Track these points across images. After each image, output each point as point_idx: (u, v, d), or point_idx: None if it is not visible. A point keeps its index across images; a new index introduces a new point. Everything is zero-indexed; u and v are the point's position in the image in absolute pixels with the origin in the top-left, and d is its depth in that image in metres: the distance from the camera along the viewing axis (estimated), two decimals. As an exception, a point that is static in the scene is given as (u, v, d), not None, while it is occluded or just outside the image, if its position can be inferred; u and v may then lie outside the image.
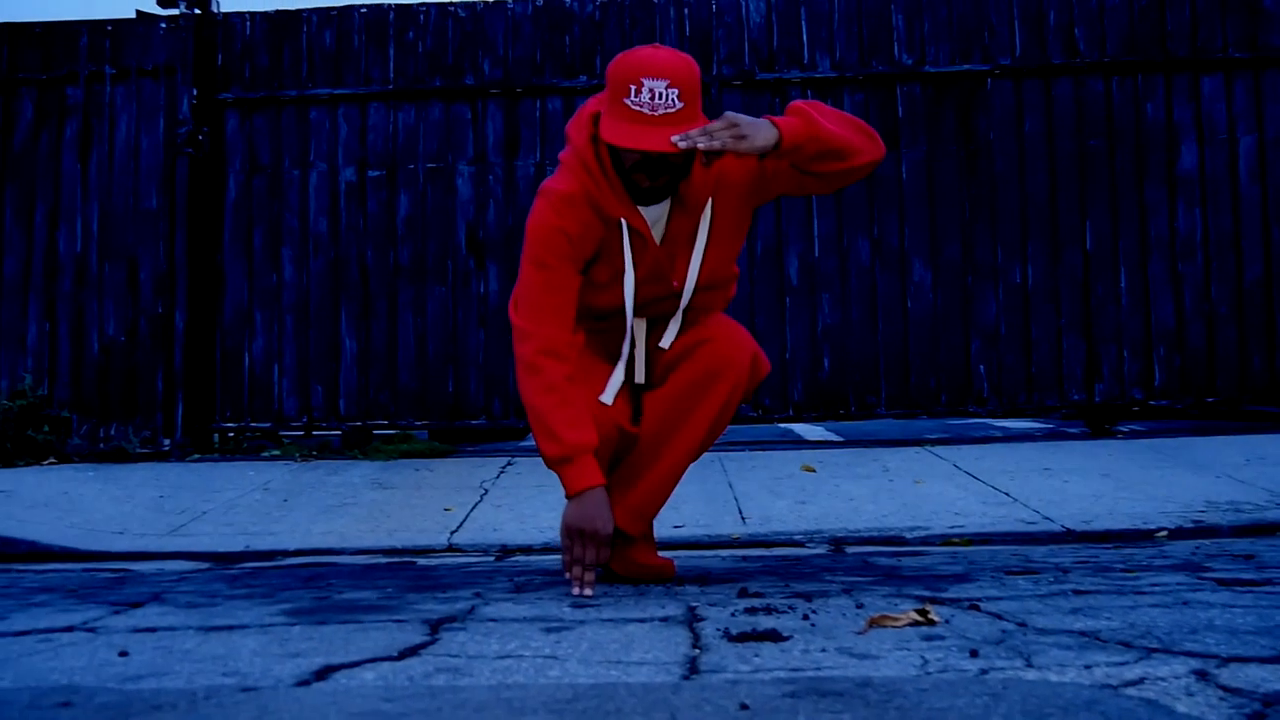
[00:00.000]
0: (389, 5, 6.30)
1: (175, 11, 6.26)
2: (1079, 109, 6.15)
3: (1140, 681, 1.49)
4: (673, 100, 2.28)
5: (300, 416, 6.22)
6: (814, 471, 5.10)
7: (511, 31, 6.27)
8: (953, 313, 6.12)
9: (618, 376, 2.58)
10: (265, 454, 6.06)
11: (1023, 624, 1.96)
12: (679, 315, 2.61)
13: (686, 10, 6.25)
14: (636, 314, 2.60)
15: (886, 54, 6.20)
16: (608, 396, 2.55)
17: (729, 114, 2.33)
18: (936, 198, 6.15)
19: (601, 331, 2.65)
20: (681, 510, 4.40)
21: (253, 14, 6.33)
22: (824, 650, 1.76)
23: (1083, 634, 1.86)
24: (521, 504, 4.57)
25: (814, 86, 6.18)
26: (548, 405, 2.41)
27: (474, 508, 4.56)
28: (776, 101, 6.19)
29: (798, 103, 2.43)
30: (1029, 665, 1.62)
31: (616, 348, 2.64)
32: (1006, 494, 4.53)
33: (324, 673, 1.66)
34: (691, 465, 2.75)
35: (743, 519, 4.24)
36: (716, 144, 2.27)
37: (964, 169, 6.16)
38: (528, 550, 3.87)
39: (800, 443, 6.43)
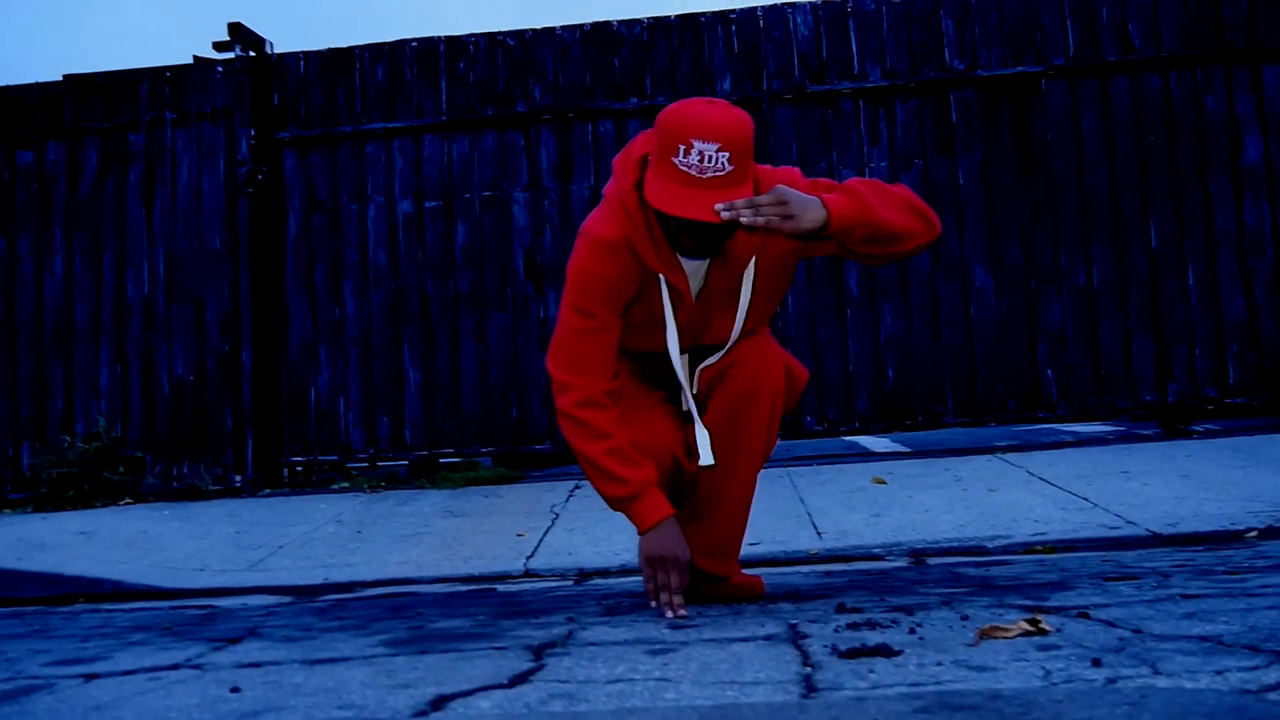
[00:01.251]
0: (439, 38, 6.37)
1: (231, 55, 6.38)
2: (1137, 105, 6.06)
3: (1280, 686, 1.45)
4: (723, 164, 2.20)
5: (367, 448, 6.27)
6: (885, 484, 5.04)
7: (560, 57, 6.31)
8: (1017, 318, 6.04)
9: (703, 436, 2.48)
10: (334, 486, 6.12)
11: (1138, 630, 1.91)
12: (715, 357, 2.56)
13: (734, 27, 6.26)
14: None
15: (938, 60, 6.16)
16: (706, 457, 2.48)
17: (779, 189, 2.24)
18: (995, 202, 6.09)
19: (647, 361, 2.61)
20: (755, 527, 4.33)
21: (306, 54, 6.43)
22: (939, 664, 1.72)
23: (1203, 639, 1.81)
24: (594, 527, 4.56)
25: (865, 96, 6.16)
26: (599, 451, 2.39)
27: (546, 532, 4.56)
28: (829, 113, 6.17)
29: (853, 181, 2.35)
30: (1156, 672, 1.58)
31: (662, 376, 2.60)
32: (1085, 499, 4.45)
33: (439, 702, 1.65)
34: (760, 480, 2.73)
35: (818, 534, 4.20)
36: (761, 220, 2.20)
37: (1022, 172, 6.09)
38: (605, 573, 3.86)
39: (867, 455, 6.37)
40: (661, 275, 2.41)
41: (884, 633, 2.02)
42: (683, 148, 2.20)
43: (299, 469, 6.37)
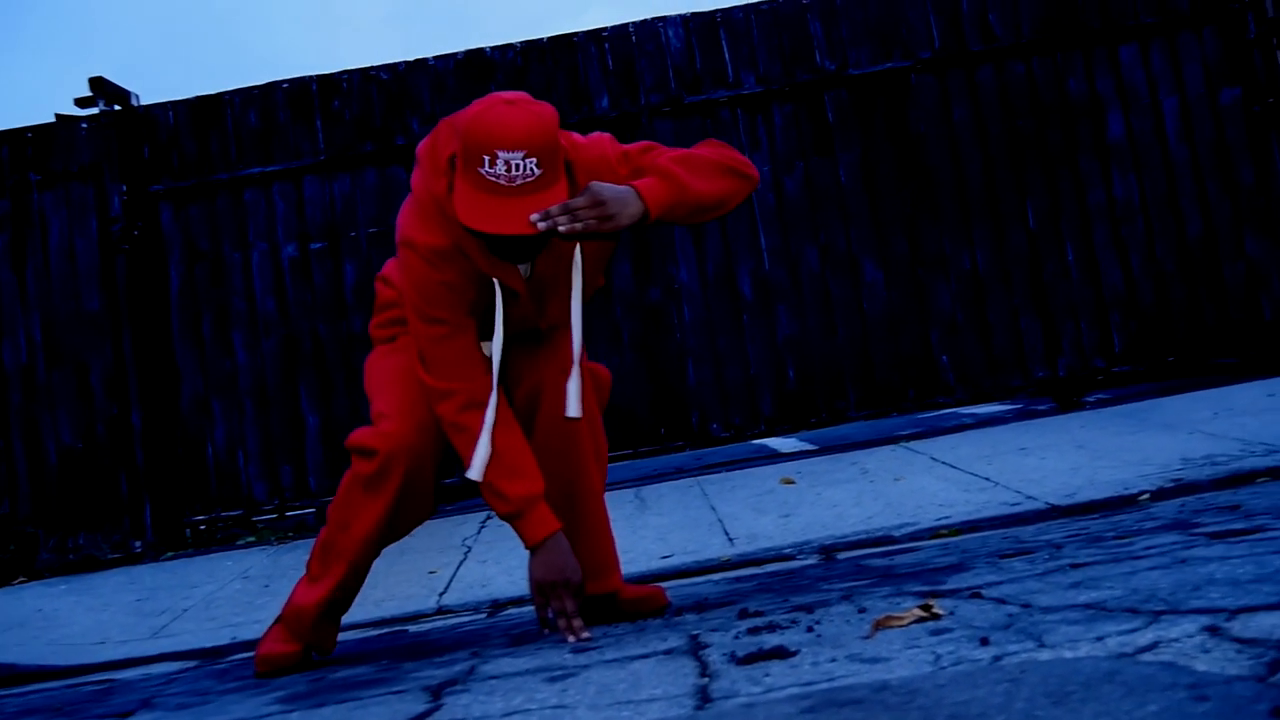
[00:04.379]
0: (311, 77, 6.27)
1: (95, 111, 6.19)
2: (1004, 93, 6.23)
3: (1154, 646, 1.48)
4: (531, 170, 2.13)
5: (271, 499, 6.12)
6: (794, 483, 5.08)
7: (436, 88, 6.26)
8: (908, 308, 6.15)
9: (484, 446, 2.39)
10: (240, 542, 5.95)
11: (1027, 605, 1.94)
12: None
13: (608, 45, 6.28)
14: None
15: (809, 62, 6.26)
16: (474, 473, 2.40)
17: (594, 187, 2.18)
18: (877, 197, 6.20)
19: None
20: (668, 540, 4.36)
21: (175, 103, 6.27)
22: (834, 660, 1.73)
23: (1088, 606, 1.84)
24: (507, 556, 4.51)
25: (742, 104, 6.23)
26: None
27: (459, 566, 4.50)
28: (708, 123, 6.23)
29: (664, 159, 2.31)
30: (1041, 645, 1.60)
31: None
32: (987, 479, 4.54)
33: (328, 756, 1.61)
34: (671, 492, 2.77)
35: (730, 540, 4.21)
36: (579, 225, 2.14)
37: (901, 165, 6.22)
38: (519, 602, 3.81)
39: (776, 456, 6.42)
40: (495, 280, 2.37)
41: (783, 634, 2.02)
42: (487, 158, 2.13)
43: (202, 528, 6.19)
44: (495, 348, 2.42)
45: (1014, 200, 6.19)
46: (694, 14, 6.27)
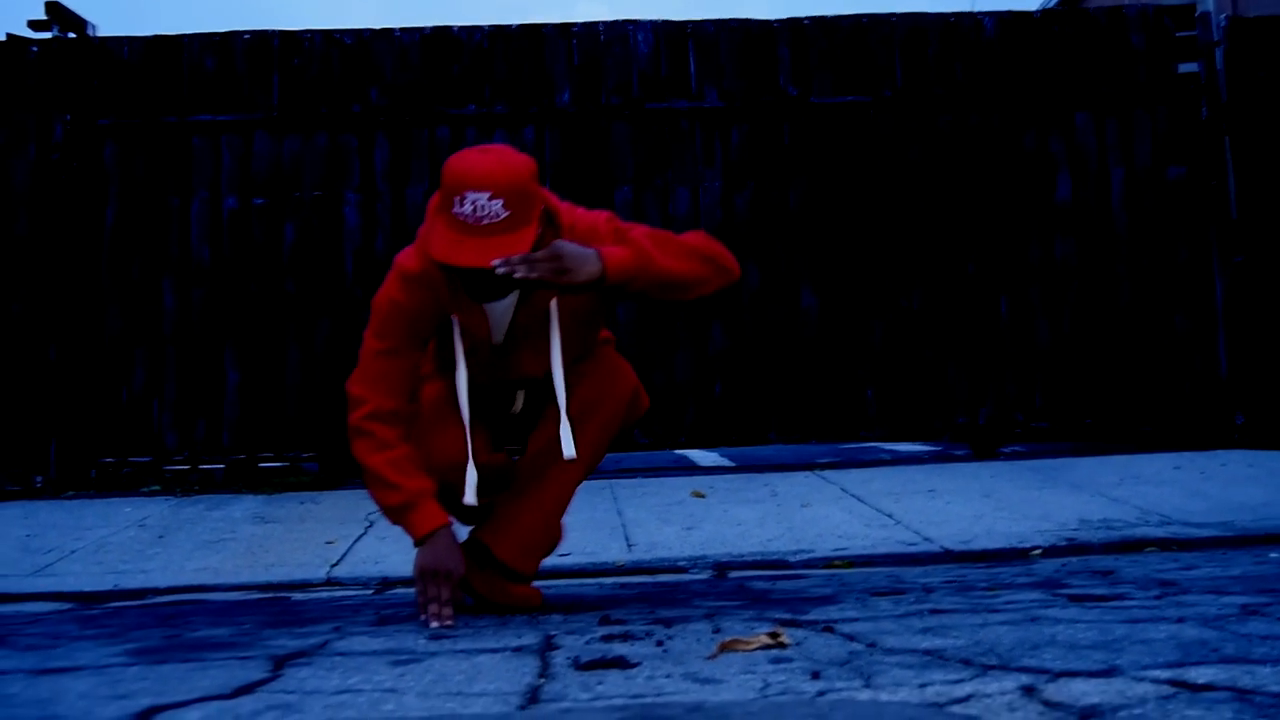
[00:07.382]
0: (273, 32, 6.20)
1: (48, 36, 6.08)
2: (960, 139, 6.32)
3: (967, 699, 1.51)
4: (496, 211, 2.26)
5: (182, 450, 6.03)
6: (704, 497, 5.11)
7: (399, 59, 6.22)
8: (842, 338, 6.21)
9: (471, 476, 2.53)
10: (145, 489, 5.87)
11: (872, 644, 1.98)
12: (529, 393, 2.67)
13: (575, 41, 6.28)
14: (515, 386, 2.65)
15: (773, 85, 6.29)
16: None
17: (557, 244, 2.30)
18: (823, 225, 6.25)
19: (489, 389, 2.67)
20: (569, 538, 4.35)
21: (131, 39, 6.17)
22: (669, 676, 1.75)
23: (928, 653, 1.88)
24: (405, 536, 4.48)
25: (701, 117, 6.25)
26: (380, 461, 2.47)
27: (357, 540, 4.48)
28: (666, 131, 6.24)
29: (638, 232, 2.43)
30: (867, 685, 1.63)
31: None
32: (890, 516, 4.60)
33: (147, 714, 1.60)
34: (582, 491, 2.84)
35: (629, 546, 4.23)
36: (535, 274, 2.26)
37: (850, 197, 6.27)
38: (409, 583, 3.78)
39: (693, 469, 6.45)
40: (455, 316, 2.48)
41: (633, 645, 2.04)
42: (457, 198, 2.26)
43: (110, 470, 6.08)
44: (460, 381, 2.52)
45: (957, 247, 6.27)
46: (665, 21, 6.29)
